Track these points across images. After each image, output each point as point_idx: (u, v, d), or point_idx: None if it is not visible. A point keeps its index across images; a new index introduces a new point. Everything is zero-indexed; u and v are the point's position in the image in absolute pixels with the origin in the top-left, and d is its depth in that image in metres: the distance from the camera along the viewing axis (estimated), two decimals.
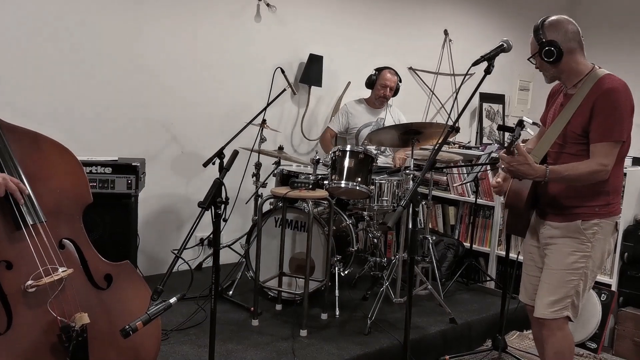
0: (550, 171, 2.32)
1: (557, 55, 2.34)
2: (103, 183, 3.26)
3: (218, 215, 2.05)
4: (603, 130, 2.28)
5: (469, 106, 6.13)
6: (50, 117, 3.54)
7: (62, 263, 2.15)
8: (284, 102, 4.68)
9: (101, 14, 3.71)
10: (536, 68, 2.48)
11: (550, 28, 2.38)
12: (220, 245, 2.15)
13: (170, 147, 4.15)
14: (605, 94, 2.28)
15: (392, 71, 4.46)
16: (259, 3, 4.44)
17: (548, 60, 2.36)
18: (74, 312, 2.11)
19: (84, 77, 3.70)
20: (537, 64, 2.45)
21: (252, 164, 4.11)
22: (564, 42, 2.35)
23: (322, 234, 3.48)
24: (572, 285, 2.41)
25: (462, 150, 4.75)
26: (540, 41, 2.37)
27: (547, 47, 2.34)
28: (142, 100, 3.96)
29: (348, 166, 3.48)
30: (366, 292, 3.80)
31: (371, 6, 5.20)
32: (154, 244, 4.07)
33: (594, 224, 2.40)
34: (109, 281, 2.28)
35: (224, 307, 3.48)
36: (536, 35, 2.39)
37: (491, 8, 6.15)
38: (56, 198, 2.21)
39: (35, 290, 2.07)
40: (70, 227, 2.24)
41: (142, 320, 1.81)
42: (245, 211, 4.43)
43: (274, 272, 3.51)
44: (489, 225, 4.43)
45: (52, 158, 2.24)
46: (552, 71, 2.43)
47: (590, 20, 6.87)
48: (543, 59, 2.38)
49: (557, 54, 2.34)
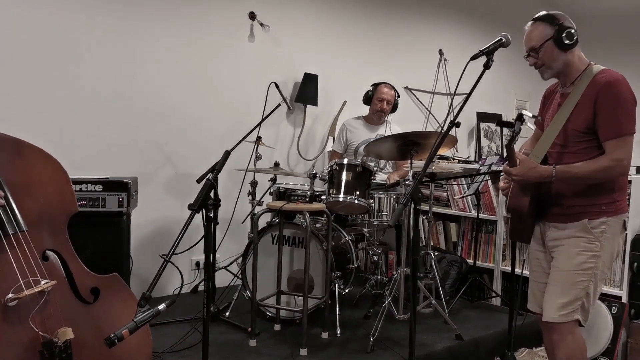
0: (559, 171, 2.24)
1: (575, 40, 2.27)
2: (94, 201, 3.16)
3: (209, 219, 1.95)
4: (612, 126, 2.20)
5: (466, 125, 6.16)
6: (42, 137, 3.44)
7: (45, 275, 2.04)
8: (279, 122, 4.62)
9: (95, 34, 3.68)
10: (533, 64, 2.38)
11: (561, 16, 2.32)
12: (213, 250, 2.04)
13: (164, 168, 4.06)
14: (606, 87, 2.21)
15: (389, 85, 4.41)
16: (252, 23, 4.42)
17: (569, 42, 2.26)
18: (58, 327, 1.99)
19: (76, 97, 3.64)
20: (543, 54, 2.31)
21: (248, 183, 4.02)
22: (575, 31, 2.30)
23: (321, 249, 3.37)
24: (581, 286, 2.30)
25: (460, 164, 4.66)
26: (558, 24, 2.28)
27: (568, 29, 2.26)
28: (134, 120, 3.89)
29: (346, 180, 3.39)
30: (368, 310, 3.66)
31: (366, 26, 5.19)
32: (148, 266, 3.94)
33: (602, 222, 2.30)
34: (95, 294, 2.17)
35: (220, 329, 3.34)
36: (549, 21, 2.29)
37: (485, 28, 6.15)
38: (39, 207, 2.12)
39: (16, 303, 1.95)
40: (54, 238, 2.14)
41: (128, 328, 1.69)
42: (241, 233, 4.31)
43: (271, 291, 3.38)
44: (492, 240, 4.31)
45: (35, 165, 2.15)
46: (560, 61, 2.32)
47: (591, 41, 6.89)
48: (560, 44, 2.26)
49: (576, 39, 2.27)
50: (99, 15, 3.69)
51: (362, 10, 5.15)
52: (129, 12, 3.81)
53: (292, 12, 4.66)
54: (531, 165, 2.26)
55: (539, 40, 2.32)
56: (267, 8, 4.46)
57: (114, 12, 3.75)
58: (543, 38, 2.31)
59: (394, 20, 5.42)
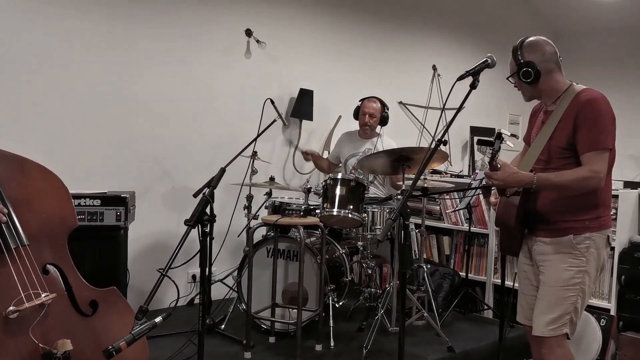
0: (539, 177, 2.31)
1: (534, 76, 2.37)
2: (92, 215, 3.22)
3: (205, 234, 2.02)
4: (590, 140, 2.28)
5: (460, 139, 6.25)
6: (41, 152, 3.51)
7: (45, 288, 2.10)
8: (275, 137, 4.70)
9: (94, 50, 3.76)
10: (514, 87, 2.50)
11: (529, 49, 2.41)
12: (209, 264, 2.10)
13: (161, 182, 4.13)
14: (587, 105, 2.30)
15: (373, 99, 4.46)
16: (248, 40, 4.51)
17: (526, 80, 2.39)
18: (57, 339, 2.05)
19: (75, 113, 3.72)
20: (515, 83, 2.47)
21: (244, 197, 4.08)
22: (541, 63, 2.38)
23: (315, 262, 3.43)
24: (570, 301, 2.36)
25: (453, 178, 4.74)
26: (518, 62, 2.40)
27: (525, 68, 2.37)
28: (132, 135, 3.97)
29: (340, 194, 3.46)
30: (361, 322, 3.72)
31: (361, 42, 5.29)
32: (145, 279, 3.98)
33: (586, 238, 2.37)
34: (94, 307, 2.23)
35: (215, 341, 3.39)
36: (514, 56, 2.43)
37: (477, 45, 6.26)
38: (41, 222, 2.18)
39: (16, 316, 2.01)
40: (54, 252, 2.20)
41: (126, 341, 1.75)
42: (237, 246, 4.37)
43: (266, 303, 3.44)
44: (484, 253, 4.38)
45: (37, 182, 2.22)
46: (529, 91, 2.46)
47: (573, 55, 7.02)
48: (521, 80, 2.40)
49: (535, 75, 2.37)
50: (99, 32, 3.78)
51: (357, 27, 5.25)
52: (129, 29, 3.90)
53: (288, 29, 4.76)
54: (512, 170, 2.33)
55: (510, 71, 2.48)
56: (264, 25, 4.55)
57: (114, 29, 3.84)
58: (512, 70, 2.46)
59: (389, 36, 5.52)
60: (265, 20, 4.58)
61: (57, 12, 3.60)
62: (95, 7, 3.74)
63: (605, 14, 6.51)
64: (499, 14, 6.54)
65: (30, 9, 3.51)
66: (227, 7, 4.38)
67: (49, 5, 3.57)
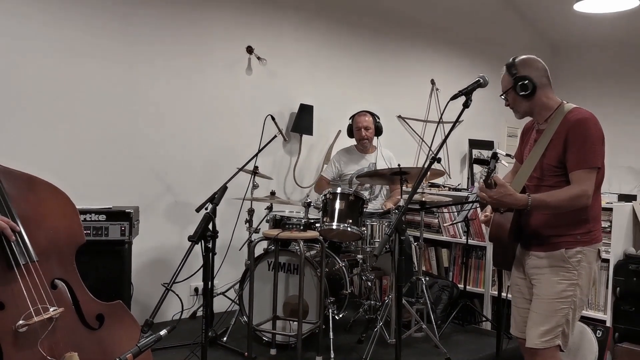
0: (533, 199, 2.37)
1: (531, 90, 2.45)
2: (97, 230, 3.29)
3: (208, 249, 2.09)
4: (579, 159, 2.36)
5: (460, 152, 6.34)
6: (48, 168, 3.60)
7: (53, 303, 2.17)
8: (276, 151, 4.78)
9: (98, 68, 3.85)
10: (507, 105, 2.56)
11: (523, 65, 2.49)
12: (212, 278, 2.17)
13: (165, 196, 4.21)
14: (576, 125, 2.37)
15: (364, 112, 4.51)
16: (250, 57, 4.61)
17: (524, 93, 2.46)
18: (65, 352, 2.11)
19: (81, 131, 3.81)
20: (509, 100, 2.53)
21: (245, 211, 4.16)
22: (536, 77, 2.46)
23: (315, 275, 3.50)
24: (562, 314, 2.43)
25: (451, 192, 4.82)
26: (514, 76, 2.48)
27: (522, 81, 2.45)
28: (136, 150, 4.05)
29: (339, 208, 3.55)
30: (361, 334, 3.78)
31: (360, 58, 5.39)
32: (148, 292, 4.06)
33: (578, 252, 2.43)
34: (100, 321, 2.29)
35: (217, 354, 3.46)
36: (510, 71, 2.50)
37: (475, 58, 6.37)
38: (49, 238, 2.25)
39: (26, 330, 2.08)
40: (62, 268, 2.27)
41: (132, 353, 1.82)
42: (238, 259, 4.44)
43: (267, 316, 3.50)
44: (482, 265, 4.44)
45: (46, 199, 2.29)
46: (524, 106, 2.51)
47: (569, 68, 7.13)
48: (518, 94, 2.47)
49: (532, 88, 2.45)
50: (104, 52, 3.87)
51: (356, 43, 5.36)
52: (133, 48, 4.00)
53: (288, 46, 4.86)
54: (508, 192, 2.37)
55: (504, 87, 2.53)
56: (264, 42, 4.66)
57: (119, 48, 3.94)
58: (506, 86, 2.52)
59: (387, 52, 5.63)
60: (265, 38, 4.68)
61: (63, 33, 3.70)
62: (100, 27, 3.84)
63: (599, 28, 6.62)
64: (496, 29, 6.65)
65: (36, 30, 3.60)
66: (229, 26, 4.48)
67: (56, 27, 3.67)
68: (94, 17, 3.82)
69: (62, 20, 3.70)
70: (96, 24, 3.83)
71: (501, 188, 2.37)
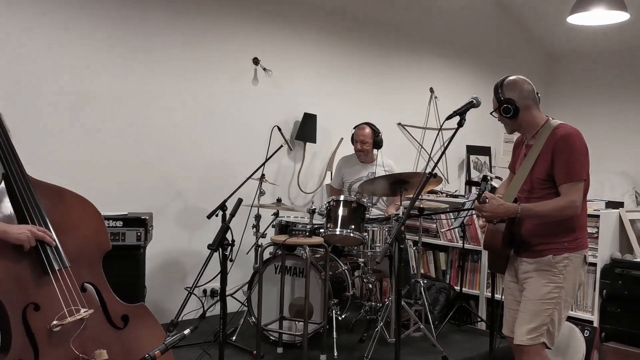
0: (522, 207, 2.60)
1: (513, 112, 2.66)
2: (114, 236, 3.48)
3: (225, 257, 2.30)
4: (566, 172, 2.57)
5: (457, 158, 6.54)
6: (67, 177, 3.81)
7: (84, 304, 2.37)
8: (281, 158, 4.98)
9: (111, 78, 4.06)
10: (498, 120, 2.79)
11: (508, 87, 2.70)
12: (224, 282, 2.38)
13: (175, 202, 4.42)
14: (562, 140, 2.59)
15: (363, 125, 4.68)
16: (256, 68, 4.81)
17: (506, 115, 2.68)
18: (94, 350, 2.32)
19: (97, 141, 4.02)
20: (498, 117, 2.76)
21: (252, 216, 4.36)
22: (520, 100, 2.67)
23: (319, 278, 3.70)
24: (547, 313, 2.64)
25: (448, 198, 5.02)
26: (499, 99, 2.70)
27: (505, 105, 2.66)
28: (148, 159, 4.26)
29: (342, 215, 3.75)
30: (362, 334, 3.99)
31: (361, 68, 5.59)
32: (160, 294, 4.27)
33: (564, 258, 2.65)
34: (125, 321, 2.50)
35: (227, 352, 3.62)
36: (496, 94, 2.72)
37: (473, 67, 6.58)
38: (79, 245, 2.45)
39: (59, 329, 2.28)
40: (91, 272, 2.47)
41: (159, 350, 2.02)
42: (246, 263, 4.64)
43: (274, 317, 3.71)
44: (478, 268, 4.65)
45: (75, 209, 2.49)
46: (510, 125, 2.75)
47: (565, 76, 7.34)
48: (502, 115, 2.69)
49: (514, 111, 2.66)
50: (116, 64, 4.08)
51: (357, 53, 5.56)
52: (143, 61, 4.21)
53: (293, 57, 5.06)
54: (498, 202, 2.62)
55: (493, 107, 2.76)
56: (270, 53, 4.86)
57: (130, 61, 4.14)
58: (494, 106, 2.75)
59: (388, 61, 5.83)
60: (271, 49, 4.88)
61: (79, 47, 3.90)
62: (112, 41, 4.05)
63: (595, 38, 6.83)
64: (494, 38, 6.85)
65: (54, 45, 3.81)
66: (235, 38, 4.69)
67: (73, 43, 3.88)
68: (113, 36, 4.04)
69: (79, 35, 3.91)
70: (113, 39, 4.04)
71: (492, 200, 2.59)
